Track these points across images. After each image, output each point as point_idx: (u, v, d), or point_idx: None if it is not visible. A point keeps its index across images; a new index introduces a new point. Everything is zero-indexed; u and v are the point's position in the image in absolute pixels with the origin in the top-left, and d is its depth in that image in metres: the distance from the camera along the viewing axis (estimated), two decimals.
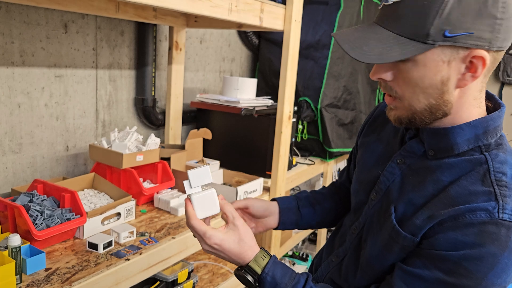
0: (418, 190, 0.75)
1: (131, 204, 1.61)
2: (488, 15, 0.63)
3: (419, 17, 0.64)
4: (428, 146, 0.76)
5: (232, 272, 1.97)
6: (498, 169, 0.70)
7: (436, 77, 0.68)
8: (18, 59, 1.70)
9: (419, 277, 0.70)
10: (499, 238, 0.64)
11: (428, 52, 0.66)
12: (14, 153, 1.75)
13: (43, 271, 1.20)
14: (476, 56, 0.66)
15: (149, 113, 2.30)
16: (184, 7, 1.38)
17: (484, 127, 0.73)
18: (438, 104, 0.71)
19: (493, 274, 0.65)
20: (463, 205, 0.67)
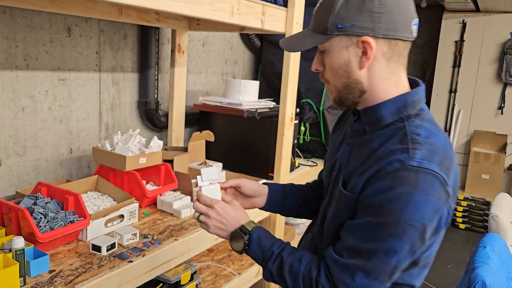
0: (357, 159, 0.92)
1: (134, 206, 1.62)
2: (367, 10, 0.84)
3: (323, 17, 0.88)
4: (365, 123, 0.94)
5: (235, 274, 1.98)
6: (413, 132, 0.86)
7: (341, 60, 0.89)
8: (22, 63, 1.72)
9: (357, 225, 0.87)
10: (409, 180, 0.80)
11: (331, 40, 0.88)
12: (18, 156, 1.76)
13: (46, 273, 1.21)
14: (364, 41, 0.86)
15: (152, 116, 2.32)
16: (186, 11, 1.39)
17: (404, 101, 0.90)
18: (349, 82, 0.91)
19: (408, 210, 0.80)
20: (383, 160, 0.84)
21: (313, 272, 0.91)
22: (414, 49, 5.18)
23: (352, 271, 0.86)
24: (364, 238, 0.85)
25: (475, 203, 4.30)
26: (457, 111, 4.57)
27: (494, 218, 1.98)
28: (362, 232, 0.85)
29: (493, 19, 4.32)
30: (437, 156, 0.83)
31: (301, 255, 0.95)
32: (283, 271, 0.94)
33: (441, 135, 0.89)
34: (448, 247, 3.92)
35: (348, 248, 0.87)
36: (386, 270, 0.84)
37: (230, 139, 2.39)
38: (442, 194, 0.82)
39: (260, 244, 0.98)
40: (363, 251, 0.85)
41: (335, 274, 0.88)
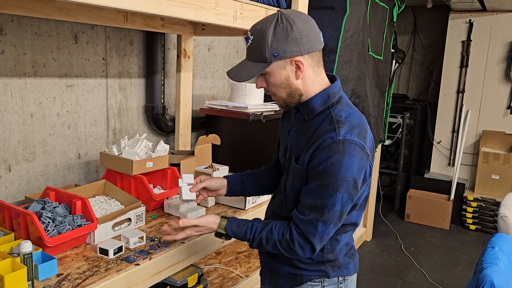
0: (303, 140, 1.22)
1: (141, 210, 1.64)
2: (292, 39, 1.13)
3: (259, 50, 1.15)
4: (303, 113, 1.24)
5: (242, 276, 1.98)
6: (337, 115, 1.18)
7: (282, 77, 1.18)
8: (30, 70, 1.75)
9: (310, 188, 1.17)
10: (339, 149, 1.12)
11: (271, 65, 1.16)
12: (27, 161, 1.79)
13: (54, 277, 1.23)
14: (296, 60, 1.16)
15: (159, 120, 2.34)
16: (189, 16, 1.40)
17: (327, 94, 1.21)
18: (291, 91, 1.21)
19: (342, 170, 1.11)
20: (320, 138, 1.15)
21: (285, 235, 1.20)
22: (420, 50, 5.16)
23: (314, 223, 1.16)
24: (316, 197, 1.15)
25: (485, 204, 4.25)
26: (465, 112, 4.53)
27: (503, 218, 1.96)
28: (314, 193, 1.16)
29: (500, 18, 4.29)
30: (355, 129, 1.15)
31: (270, 226, 1.24)
32: (263, 246, 1.24)
33: (356, 114, 1.21)
34: (459, 248, 3.88)
35: (307, 207, 1.17)
36: (336, 216, 1.16)
37: (237, 143, 2.40)
38: (363, 155, 1.15)
39: (237, 236, 1.29)
40: (317, 206, 1.15)
41: (302, 229, 1.18)
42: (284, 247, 1.21)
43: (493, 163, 4.28)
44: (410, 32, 5.18)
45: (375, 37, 3.08)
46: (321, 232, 1.17)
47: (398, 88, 5.28)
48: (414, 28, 5.15)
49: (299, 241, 1.18)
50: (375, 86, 3.21)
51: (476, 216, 4.30)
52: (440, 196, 4.47)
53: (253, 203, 1.95)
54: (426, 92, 5.13)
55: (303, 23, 1.15)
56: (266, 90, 1.25)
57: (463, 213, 4.35)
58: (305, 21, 1.16)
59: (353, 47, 2.74)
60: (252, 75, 1.18)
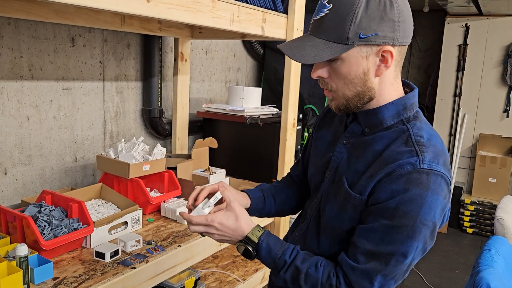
0: (360, 160, 0.94)
1: (138, 213, 1.63)
2: (388, 19, 0.84)
3: (339, 25, 0.85)
4: (364, 125, 0.95)
5: (239, 280, 1.97)
6: (417, 134, 0.90)
7: (359, 69, 0.88)
8: (26, 73, 1.74)
9: (372, 229, 0.87)
10: (422, 182, 0.84)
11: (350, 51, 0.86)
12: (23, 165, 1.78)
13: (50, 281, 1.22)
14: (385, 50, 0.86)
15: (156, 124, 2.34)
16: (186, 19, 1.40)
17: (403, 104, 0.93)
18: (363, 90, 0.90)
19: (423, 211, 0.83)
20: (393, 163, 0.86)
21: (332, 279, 0.91)
22: (417, 54, 5.18)
23: (371, 276, 0.87)
24: (381, 242, 0.86)
25: (482, 207, 4.26)
26: (462, 115, 4.55)
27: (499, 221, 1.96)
28: (378, 236, 0.87)
29: (496, 22, 4.32)
30: (440, 157, 0.87)
31: (316, 260, 0.94)
32: (299, 279, 0.93)
33: (438, 136, 0.94)
34: (456, 252, 3.88)
35: (365, 253, 0.88)
36: (402, 270, 0.89)
37: (234, 146, 2.40)
38: (447, 193, 0.87)
39: (271, 253, 0.95)
40: (381, 254, 0.86)
41: (353, 281, 0.89)
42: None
43: (490, 167, 4.29)
44: None
45: None
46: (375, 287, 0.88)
47: None
48: None
49: None
50: None
51: (473, 220, 4.30)
52: None
53: None
54: (423, 96, 5.14)
55: (404, 3, 0.87)
56: (323, 82, 0.94)
57: (461, 217, 4.36)
58: (405, 2, 0.88)
59: None
60: (322, 57, 0.86)
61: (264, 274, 2.12)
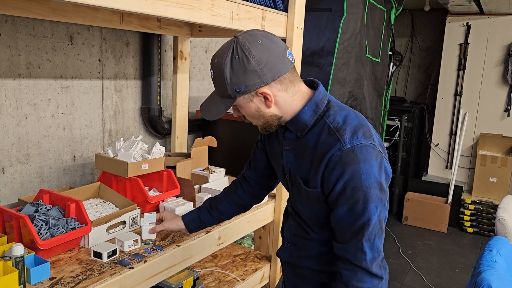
0: (304, 160, 1.12)
1: (136, 213, 1.62)
2: (250, 71, 1.03)
3: (221, 86, 1.07)
4: (295, 130, 1.14)
5: (238, 280, 1.96)
6: (333, 122, 1.08)
7: (251, 109, 1.09)
8: (24, 71, 1.73)
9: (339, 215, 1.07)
10: (352, 158, 1.02)
11: (237, 100, 1.07)
12: (21, 163, 1.77)
13: (47, 281, 1.21)
14: (261, 92, 1.06)
15: (155, 123, 2.32)
16: (185, 17, 1.39)
17: (314, 103, 1.11)
18: (266, 119, 1.11)
19: (364, 179, 1.02)
20: (327, 154, 1.05)
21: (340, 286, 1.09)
22: (418, 53, 5.17)
23: (359, 247, 1.06)
24: (350, 221, 1.05)
25: (483, 207, 4.25)
26: (462, 114, 4.53)
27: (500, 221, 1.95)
28: (347, 215, 1.06)
29: (498, 21, 4.30)
30: (358, 131, 1.05)
31: None
32: None
33: (352, 114, 1.10)
34: (456, 251, 3.87)
35: (345, 232, 1.08)
36: (376, 228, 1.06)
37: (233, 145, 2.39)
38: (377, 154, 1.05)
39: None
40: (356, 228, 1.05)
41: (350, 259, 1.07)
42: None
43: (490, 166, 4.28)
44: (408, 34, 5.19)
45: (373, 40, 3.08)
46: (370, 253, 1.06)
47: (396, 91, 5.28)
48: (412, 30, 5.15)
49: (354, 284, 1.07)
50: (372, 89, 3.21)
51: (473, 219, 4.29)
52: (438, 199, 4.46)
53: None
54: (424, 95, 5.13)
55: (260, 50, 1.03)
56: (244, 118, 1.17)
57: (461, 216, 4.35)
58: (263, 46, 1.04)
59: (351, 49, 2.73)
60: (221, 112, 1.09)
61: (264, 274, 2.11)
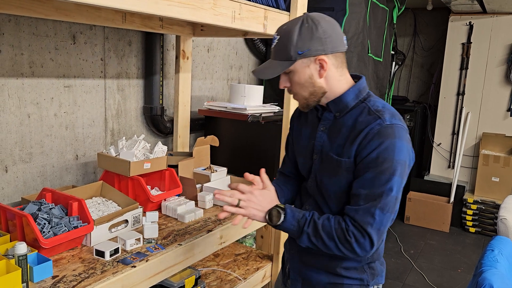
0: (339, 137, 1.22)
1: (138, 212, 1.63)
2: (316, 38, 1.16)
3: (285, 49, 1.18)
4: (335, 110, 1.25)
5: (240, 279, 1.97)
6: (373, 105, 1.21)
7: (305, 76, 1.20)
8: (27, 70, 1.74)
9: (365, 178, 1.14)
10: (389, 133, 1.13)
11: (295, 64, 1.18)
12: (24, 162, 1.78)
13: (50, 279, 1.22)
14: (320, 59, 1.18)
15: (157, 122, 2.33)
16: (187, 16, 1.39)
17: (358, 89, 1.24)
18: (314, 90, 1.22)
19: (396, 153, 1.12)
20: (366, 128, 1.16)
21: (342, 223, 1.16)
22: (421, 52, 5.15)
23: (371, 212, 1.13)
24: (372, 185, 1.13)
25: (485, 206, 4.24)
26: (465, 114, 4.52)
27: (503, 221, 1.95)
28: (369, 182, 1.14)
29: (500, 21, 4.28)
30: (396, 116, 1.19)
31: (327, 215, 1.20)
32: (318, 230, 1.18)
33: (389, 104, 1.23)
34: (459, 251, 3.86)
35: (363, 198, 1.14)
36: (392, 202, 1.14)
37: (235, 144, 2.39)
38: (408, 138, 1.17)
39: (294, 216, 1.20)
40: (375, 194, 1.13)
41: (359, 219, 1.14)
42: (339, 236, 1.15)
43: (493, 166, 4.26)
44: (410, 34, 5.18)
45: (375, 39, 3.08)
46: (378, 222, 1.13)
47: (398, 90, 5.27)
48: (414, 30, 5.14)
49: (354, 233, 1.14)
50: (375, 88, 3.20)
51: (476, 219, 4.28)
52: (440, 198, 4.45)
53: None
54: (426, 94, 5.12)
55: (327, 24, 1.17)
56: (289, 90, 1.26)
57: (463, 216, 4.34)
58: (330, 23, 1.18)
59: (353, 48, 2.73)
60: (276, 72, 1.19)
61: (265, 273, 2.11)
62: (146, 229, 1.54)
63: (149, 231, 1.55)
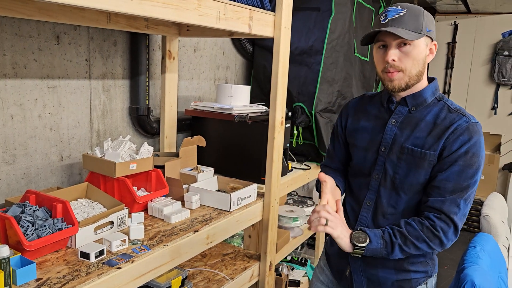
0: (417, 130, 1.29)
1: (124, 213, 1.62)
2: (433, 24, 1.28)
3: (416, 21, 1.25)
4: (411, 104, 1.32)
5: (228, 279, 1.97)
6: (452, 105, 1.31)
7: (423, 53, 1.27)
8: (10, 71, 1.72)
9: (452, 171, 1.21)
10: (476, 130, 1.23)
11: (421, 38, 1.25)
12: (8, 164, 1.76)
13: (33, 282, 1.21)
14: (435, 44, 1.31)
15: (143, 122, 2.32)
16: (171, 17, 1.39)
17: (434, 87, 1.34)
18: (421, 71, 1.28)
19: (482, 150, 1.23)
20: (453, 124, 1.24)
21: (425, 222, 1.22)
22: None
23: (457, 202, 1.21)
24: (459, 179, 1.21)
25: None
26: None
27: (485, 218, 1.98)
28: (457, 175, 1.21)
29: (484, 20, 4.35)
30: (472, 115, 1.28)
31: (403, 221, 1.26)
32: (407, 237, 1.23)
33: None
34: None
35: (449, 190, 1.21)
36: (473, 194, 1.23)
37: (222, 144, 2.39)
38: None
39: (376, 234, 1.26)
40: (461, 186, 1.21)
41: (446, 209, 1.21)
42: (427, 235, 1.21)
43: None
44: None
45: None
46: (462, 211, 1.21)
47: None
48: None
49: (441, 226, 1.21)
50: (361, 88, 3.23)
51: None
52: None
53: (238, 205, 1.94)
54: None
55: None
56: (391, 65, 1.27)
57: None
58: None
59: (339, 48, 2.75)
60: (411, 36, 1.22)
61: (253, 272, 2.12)
62: (132, 230, 1.53)
63: (135, 232, 1.54)
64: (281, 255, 2.50)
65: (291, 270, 2.93)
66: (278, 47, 1.96)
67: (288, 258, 3.08)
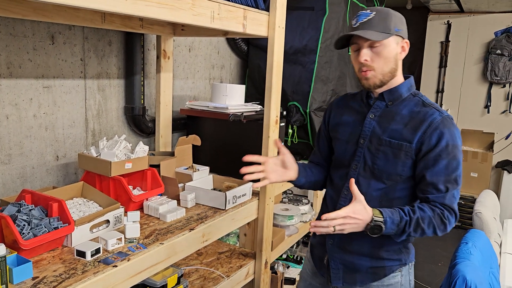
0: (393, 123, 1.37)
1: (120, 212, 1.63)
2: (403, 23, 1.37)
3: (384, 22, 1.33)
4: (388, 99, 1.40)
5: (223, 277, 1.98)
6: (426, 100, 1.39)
7: (393, 51, 1.35)
8: (5, 71, 1.72)
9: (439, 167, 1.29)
10: (450, 123, 1.32)
11: (390, 38, 1.33)
12: (3, 164, 1.76)
13: (30, 280, 1.22)
14: (405, 41, 1.38)
15: (139, 122, 2.33)
16: (166, 16, 1.40)
17: (410, 83, 1.43)
18: (394, 68, 1.36)
19: (459, 140, 1.32)
20: (428, 117, 1.32)
21: (436, 210, 1.30)
22: None
23: (454, 194, 1.32)
24: (449, 172, 1.30)
25: (464, 201, 4.34)
26: None
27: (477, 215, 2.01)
28: (445, 169, 1.30)
29: (477, 20, 4.38)
30: (444, 110, 1.36)
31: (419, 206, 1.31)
32: (419, 224, 1.29)
33: None
34: (439, 245, 3.95)
35: (442, 184, 1.30)
36: (461, 181, 1.33)
37: (218, 143, 2.40)
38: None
39: (394, 221, 1.28)
40: (451, 179, 1.30)
41: (448, 203, 1.31)
42: (437, 222, 1.30)
43: (471, 161, 4.37)
44: None
45: None
46: (456, 199, 1.33)
47: None
48: None
49: (449, 217, 1.31)
50: (355, 86, 3.25)
51: None
52: None
53: (233, 203, 1.96)
54: None
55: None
56: (364, 65, 1.35)
57: None
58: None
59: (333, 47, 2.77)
60: (379, 37, 1.31)
61: (248, 270, 2.14)
62: (128, 228, 1.54)
63: (131, 230, 1.55)
64: (277, 253, 2.52)
65: (286, 268, 2.94)
66: (272, 47, 1.97)
67: (283, 256, 3.10)
